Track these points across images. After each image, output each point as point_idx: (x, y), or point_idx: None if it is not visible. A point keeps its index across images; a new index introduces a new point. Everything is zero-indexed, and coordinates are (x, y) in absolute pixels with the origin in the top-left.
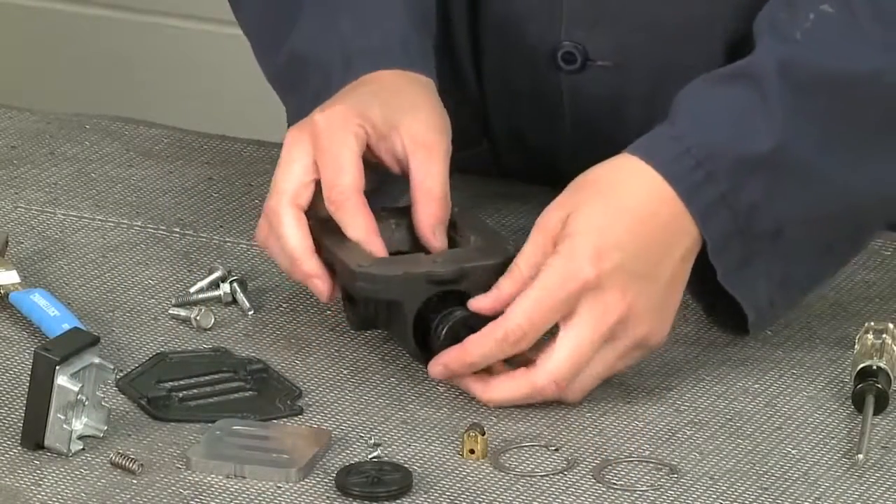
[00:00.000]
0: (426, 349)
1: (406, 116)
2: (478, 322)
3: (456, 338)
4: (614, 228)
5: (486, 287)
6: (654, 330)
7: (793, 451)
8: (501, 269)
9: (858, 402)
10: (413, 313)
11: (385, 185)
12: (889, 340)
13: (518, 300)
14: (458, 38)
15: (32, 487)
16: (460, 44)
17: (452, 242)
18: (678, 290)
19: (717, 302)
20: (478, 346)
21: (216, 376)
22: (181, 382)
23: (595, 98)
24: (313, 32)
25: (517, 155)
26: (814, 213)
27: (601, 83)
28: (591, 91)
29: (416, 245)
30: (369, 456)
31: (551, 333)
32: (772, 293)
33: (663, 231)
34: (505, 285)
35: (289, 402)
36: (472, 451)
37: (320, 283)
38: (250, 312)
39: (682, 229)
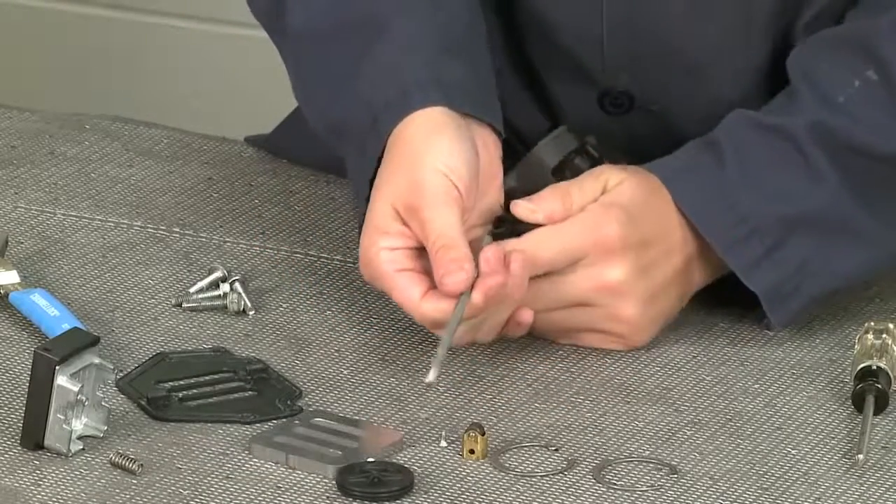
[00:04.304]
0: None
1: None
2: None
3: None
4: (665, 298)
5: None
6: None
7: (793, 452)
8: None
9: (858, 403)
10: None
11: None
12: (889, 340)
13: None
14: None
15: (32, 487)
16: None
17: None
18: None
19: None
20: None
21: (216, 376)
22: (181, 382)
23: (649, 138)
24: (340, 96)
25: None
26: (867, 271)
27: (652, 125)
28: (643, 132)
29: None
30: None
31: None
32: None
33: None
34: (554, 209)
35: (289, 402)
36: (472, 451)
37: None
38: (250, 312)
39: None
